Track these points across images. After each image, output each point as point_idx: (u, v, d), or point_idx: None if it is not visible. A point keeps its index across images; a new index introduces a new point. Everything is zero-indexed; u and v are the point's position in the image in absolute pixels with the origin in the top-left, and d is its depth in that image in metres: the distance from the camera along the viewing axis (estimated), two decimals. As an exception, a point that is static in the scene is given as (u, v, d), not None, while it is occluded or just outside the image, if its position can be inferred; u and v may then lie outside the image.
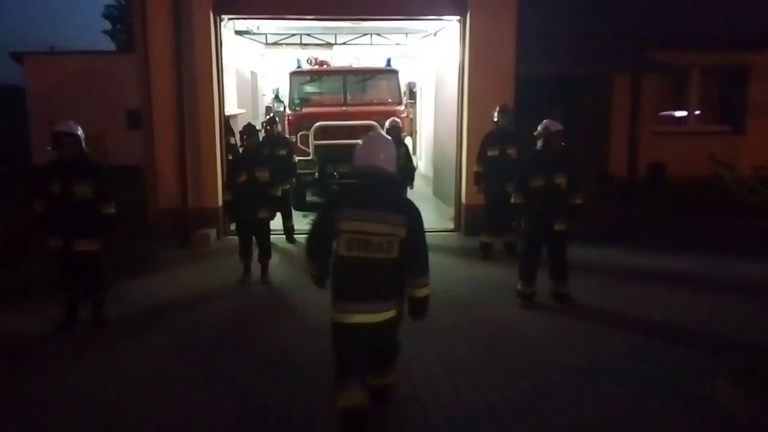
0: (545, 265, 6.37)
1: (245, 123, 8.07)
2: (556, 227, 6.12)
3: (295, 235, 9.24)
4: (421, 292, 3.80)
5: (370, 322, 3.65)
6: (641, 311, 6.17)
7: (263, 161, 7.23)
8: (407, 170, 9.04)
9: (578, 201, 6.17)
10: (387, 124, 9.11)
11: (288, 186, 9.00)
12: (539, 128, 6.25)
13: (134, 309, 6.31)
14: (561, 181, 6.07)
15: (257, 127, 8.16)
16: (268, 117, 10.17)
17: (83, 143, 5.61)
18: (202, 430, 4.06)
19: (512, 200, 6.43)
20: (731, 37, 12.05)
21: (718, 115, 12.89)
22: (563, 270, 6.32)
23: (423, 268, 3.76)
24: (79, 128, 5.62)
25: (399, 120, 9.34)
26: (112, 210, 5.70)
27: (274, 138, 9.26)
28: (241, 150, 7.90)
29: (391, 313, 3.74)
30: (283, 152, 9.13)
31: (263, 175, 7.01)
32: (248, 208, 7.00)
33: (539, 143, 6.25)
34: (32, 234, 5.70)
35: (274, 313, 6.28)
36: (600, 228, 9.24)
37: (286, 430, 4.07)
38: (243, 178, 6.96)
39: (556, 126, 6.17)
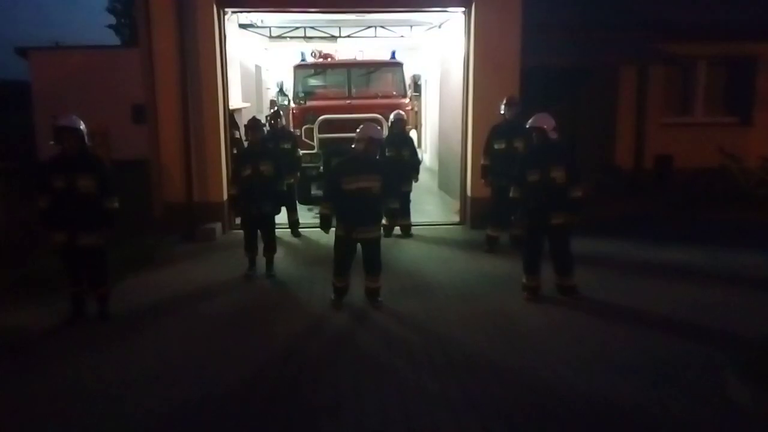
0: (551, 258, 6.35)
1: (250, 117, 8.03)
2: (554, 221, 6.08)
3: (300, 229, 9.23)
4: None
5: None
6: (648, 304, 6.13)
7: (268, 155, 7.21)
8: (412, 163, 9.02)
9: (578, 194, 6.11)
10: (391, 117, 9.07)
11: (292, 180, 8.98)
12: (533, 118, 6.27)
13: (140, 303, 6.31)
14: (557, 174, 6.02)
15: (262, 121, 8.13)
16: (272, 111, 10.15)
17: (86, 137, 5.60)
18: (208, 424, 4.07)
19: (510, 194, 6.42)
20: (739, 27, 11.94)
21: (725, 106, 12.79)
22: (567, 263, 6.29)
23: None
24: (82, 122, 5.61)
25: (403, 113, 9.30)
26: (115, 204, 5.70)
27: (278, 132, 9.24)
28: (246, 144, 7.87)
29: None
30: (287, 146, 9.12)
31: (268, 169, 7.00)
32: (253, 202, 6.99)
33: (535, 140, 6.24)
34: (38, 229, 5.70)
35: (280, 306, 6.28)
36: (606, 220, 9.22)
37: (291, 423, 4.07)
38: (248, 172, 6.95)
39: (537, 121, 6.14)
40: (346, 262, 6.06)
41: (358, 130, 5.99)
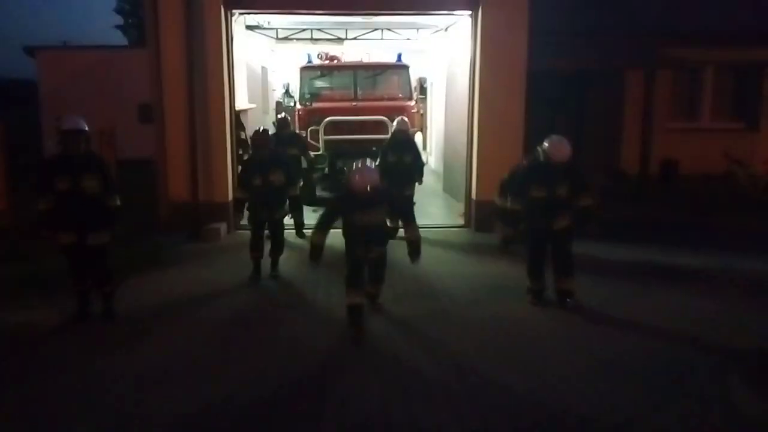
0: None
1: (258, 127, 7.59)
2: (556, 226, 6.03)
3: (304, 230, 9.22)
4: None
5: None
6: (652, 309, 6.12)
7: (278, 164, 7.09)
8: (416, 166, 9.00)
9: (587, 202, 6.04)
10: (394, 124, 9.04)
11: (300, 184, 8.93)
12: (545, 146, 5.95)
13: (144, 304, 6.32)
14: (562, 191, 5.95)
15: (269, 132, 7.86)
16: (279, 117, 10.09)
17: (86, 127, 5.51)
18: (212, 425, 4.08)
19: (509, 205, 6.21)
20: (746, 33, 11.92)
21: (731, 111, 12.77)
22: (568, 265, 6.17)
23: None
24: (85, 123, 5.55)
25: (407, 119, 9.25)
26: (117, 202, 5.69)
27: (286, 137, 9.16)
28: (253, 152, 7.59)
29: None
30: (294, 152, 9.05)
31: (278, 178, 6.94)
32: (265, 210, 6.99)
33: (542, 156, 5.99)
34: (39, 230, 5.65)
35: (283, 308, 6.28)
36: (611, 225, 9.18)
37: (296, 424, 4.08)
38: (258, 182, 6.89)
39: (560, 155, 5.83)
40: (360, 275, 5.61)
41: (357, 174, 5.25)
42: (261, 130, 7.33)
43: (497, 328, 5.65)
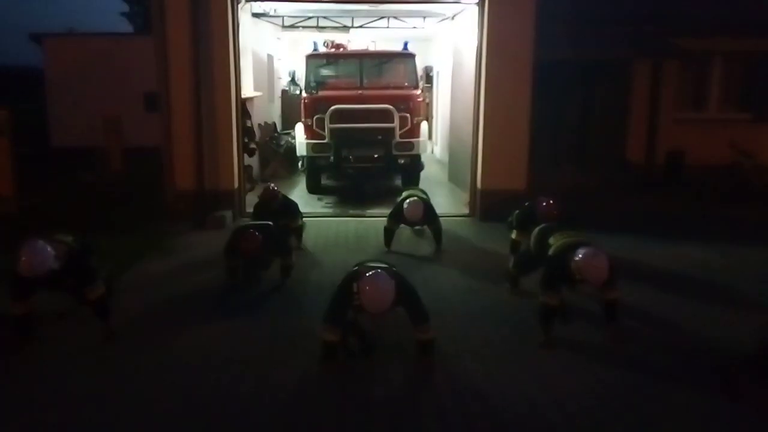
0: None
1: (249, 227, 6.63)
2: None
3: (307, 219, 9.17)
4: None
5: None
6: (655, 299, 6.13)
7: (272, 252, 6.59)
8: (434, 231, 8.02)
9: (614, 295, 5.09)
10: (405, 211, 7.69)
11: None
12: (578, 262, 4.84)
13: (147, 292, 6.34)
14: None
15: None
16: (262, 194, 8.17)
17: (53, 262, 4.80)
18: (218, 411, 4.12)
19: (542, 299, 5.16)
20: (755, 23, 11.83)
21: (739, 102, 12.70)
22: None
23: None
24: (45, 254, 4.75)
25: (417, 204, 7.69)
26: (99, 292, 5.14)
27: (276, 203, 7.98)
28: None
29: None
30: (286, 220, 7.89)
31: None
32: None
33: (573, 269, 4.90)
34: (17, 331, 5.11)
35: (288, 295, 6.32)
36: (616, 216, 9.18)
37: (296, 408, 4.12)
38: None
39: (596, 279, 4.82)
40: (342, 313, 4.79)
41: (369, 297, 4.39)
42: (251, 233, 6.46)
43: (500, 317, 5.67)
